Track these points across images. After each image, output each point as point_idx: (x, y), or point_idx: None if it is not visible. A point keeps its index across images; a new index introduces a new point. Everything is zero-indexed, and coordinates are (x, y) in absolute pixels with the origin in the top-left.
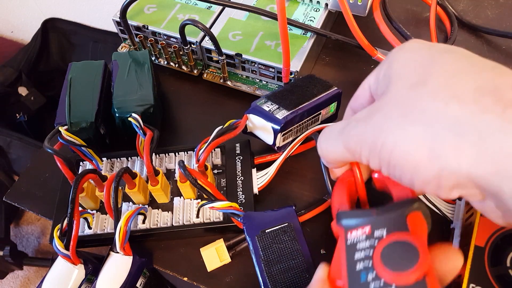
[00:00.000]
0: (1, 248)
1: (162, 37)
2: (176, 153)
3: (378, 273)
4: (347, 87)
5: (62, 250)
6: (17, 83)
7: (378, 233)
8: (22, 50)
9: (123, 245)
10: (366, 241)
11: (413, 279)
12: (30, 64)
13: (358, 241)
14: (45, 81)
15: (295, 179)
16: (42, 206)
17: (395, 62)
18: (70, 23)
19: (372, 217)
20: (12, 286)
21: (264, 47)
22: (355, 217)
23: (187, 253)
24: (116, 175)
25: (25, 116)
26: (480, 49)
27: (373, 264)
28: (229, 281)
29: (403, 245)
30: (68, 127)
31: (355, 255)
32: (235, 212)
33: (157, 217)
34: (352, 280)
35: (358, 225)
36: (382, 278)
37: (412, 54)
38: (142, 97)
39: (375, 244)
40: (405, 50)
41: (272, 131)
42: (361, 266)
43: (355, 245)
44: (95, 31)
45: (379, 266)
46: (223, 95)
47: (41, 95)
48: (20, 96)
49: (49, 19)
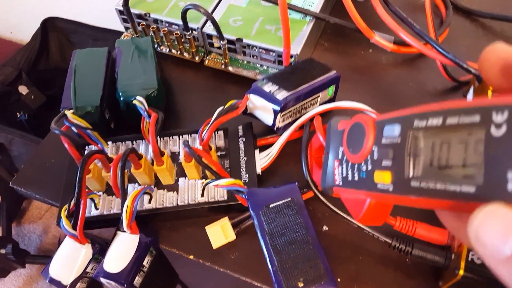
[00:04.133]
0: (3, 246)
1: (164, 24)
2: (180, 136)
3: (359, 160)
4: (345, 71)
5: (70, 229)
6: (17, 82)
7: (340, 153)
8: (22, 49)
9: (130, 223)
10: (342, 165)
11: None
12: (30, 63)
13: (341, 173)
14: (45, 80)
15: (296, 160)
16: (48, 191)
17: None
18: (69, 22)
19: (329, 157)
20: (15, 284)
21: (265, 32)
22: (326, 172)
23: (193, 232)
24: (122, 155)
25: (25, 115)
26: (475, 32)
27: (354, 163)
28: (234, 258)
29: (352, 131)
30: (74, 112)
31: (348, 178)
32: (239, 189)
33: (162, 197)
34: (362, 185)
35: (331, 170)
36: (365, 158)
37: None
38: (146, 81)
39: (345, 157)
40: None
41: (272, 112)
42: (355, 174)
43: (343, 177)
44: (95, 29)
45: (356, 157)
46: (224, 81)
47: (41, 94)
48: (20, 95)
49: (49, 18)
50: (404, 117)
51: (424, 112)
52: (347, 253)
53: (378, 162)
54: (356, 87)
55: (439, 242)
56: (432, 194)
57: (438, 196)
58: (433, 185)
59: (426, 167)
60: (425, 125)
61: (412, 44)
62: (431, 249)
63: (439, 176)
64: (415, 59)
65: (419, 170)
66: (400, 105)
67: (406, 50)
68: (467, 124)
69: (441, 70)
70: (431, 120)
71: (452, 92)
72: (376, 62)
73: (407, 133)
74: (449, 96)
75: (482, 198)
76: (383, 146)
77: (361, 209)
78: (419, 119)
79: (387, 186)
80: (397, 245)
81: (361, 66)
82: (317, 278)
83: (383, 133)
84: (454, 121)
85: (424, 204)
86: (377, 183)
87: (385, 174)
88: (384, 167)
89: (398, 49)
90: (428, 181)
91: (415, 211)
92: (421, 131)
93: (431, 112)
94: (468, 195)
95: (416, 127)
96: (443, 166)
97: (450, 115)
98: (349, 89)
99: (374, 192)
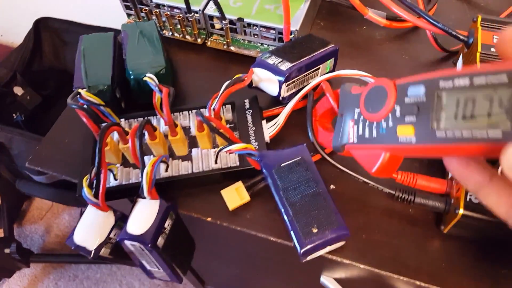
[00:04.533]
0: (7, 246)
1: (166, 8)
2: (190, 111)
3: (380, 119)
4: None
5: (92, 198)
6: (12, 83)
7: (356, 114)
8: (16, 51)
9: (150, 189)
10: (359, 124)
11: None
12: (24, 64)
13: (357, 132)
14: (40, 80)
15: (302, 129)
16: (64, 169)
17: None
18: (62, 21)
19: (344, 118)
20: (20, 285)
21: (264, 11)
22: (340, 132)
23: (208, 197)
24: (139, 125)
25: (22, 115)
26: (461, 7)
27: (375, 121)
28: (250, 217)
29: (371, 93)
30: (87, 90)
31: (365, 135)
32: (251, 153)
33: (178, 166)
34: (382, 139)
35: (346, 130)
36: (385, 116)
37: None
38: (154, 60)
39: (362, 116)
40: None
41: (277, 82)
42: (374, 131)
43: (359, 134)
44: (88, 28)
45: (376, 116)
46: (227, 61)
47: (36, 94)
48: (16, 96)
49: (41, 18)
50: (430, 80)
51: (451, 74)
52: (354, 207)
53: (401, 119)
54: (353, 61)
55: (439, 191)
56: (457, 141)
57: (464, 141)
58: (459, 133)
59: (451, 119)
60: (452, 86)
61: (405, 17)
62: (432, 196)
63: (464, 125)
64: (407, 33)
65: (445, 123)
66: (395, 74)
67: (399, 25)
68: (494, 84)
69: (432, 41)
70: (458, 81)
71: (443, 61)
72: (370, 38)
73: (433, 93)
74: (441, 65)
75: (510, 140)
76: (407, 105)
77: (375, 162)
78: (444, 80)
79: (410, 139)
80: (400, 195)
81: (357, 42)
82: (330, 223)
83: (407, 93)
84: (482, 81)
85: (446, 151)
86: (399, 137)
87: (409, 128)
88: (408, 122)
89: (391, 24)
90: (454, 130)
91: (414, 166)
92: (446, 90)
93: (458, 74)
94: (495, 139)
95: (443, 87)
96: (468, 117)
97: (478, 76)
98: (347, 63)
99: (395, 144)
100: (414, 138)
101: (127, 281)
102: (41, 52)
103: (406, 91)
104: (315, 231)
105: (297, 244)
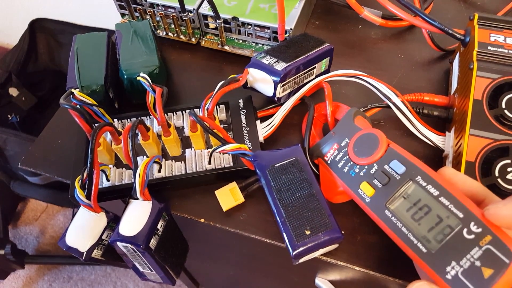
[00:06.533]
0: (1, 247)
1: (160, 8)
2: (183, 112)
3: (357, 163)
4: (337, 47)
5: (84, 199)
6: (7, 84)
7: (344, 143)
8: (11, 52)
9: (142, 190)
10: (340, 153)
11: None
12: (19, 65)
13: (334, 156)
14: (35, 81)
15: (296, 129)
16: (56, 169)
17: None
18: (57, 22)
19: (333, 137)
20: (14, 286)
21: (259, 10)
22: (323, 145)
23: (202, 198)
24: (132, 125)
25: (17, 117)
26: (457, 6)
27: (352, 161)
28: (244, 219)
29: (366, 137)
30: (80, 90)
31: (338, 164)
32: (245, 153)
33: (171, 167)
34: (347, 179)
35: (328, 148)
36: (362, 164)
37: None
38: (148, 60)
39: (346, 149)
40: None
41: (272, 83)
42: (346, 167)
43: (334, 159)
44: (82, 29)
45: (356, 158)
46: (221, 61)
47: (31, 95)
48: (11, 97)
49: (36, 19)
50: (413, 167)
51: (430, 177)
52: (349, 208)
53: (371, 177)
54: (348, 61)
55: (442, 104)
56: (394, 229)
57: (397, 233)
58: (399, 224)
59: (403, 209)
60: (425, 185)
61: (401, 16)
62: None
63: (408, 221)
64: (402, 32)
65: (397, 207)
66: (391, 73)
67: (395, 24)
68: (451, 211)
69: (428, 40)
70: (430, 187)
71: (439, 60)
72: (366, 37)
73: (407, 179)
74: (437, 64)
75: (426, 260)
76: (383, 171)
77: (333, 190)
78: (422, 178)
79: (366, 197)
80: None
81: (352, 41)
82: (323, 225)
83: (389, 163)
84: (446, 202)
85: (383, 228)
86: (360, 189)
87: (370, 189)
88: (372, 184)
89: (387, 23)
90: (397, 219)
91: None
92: (418, 186)
93: (435, 182)
94: (418, 251)
95: (417, 181)
96: (416, 218)
97: (447, 196)
98: (342, 63)
99: (353, 192)
100: (368, 199)
101: (121, 282)
102: (36, 53)
103: (390, 160)
104: (308, 233)
105: (289, 246)
